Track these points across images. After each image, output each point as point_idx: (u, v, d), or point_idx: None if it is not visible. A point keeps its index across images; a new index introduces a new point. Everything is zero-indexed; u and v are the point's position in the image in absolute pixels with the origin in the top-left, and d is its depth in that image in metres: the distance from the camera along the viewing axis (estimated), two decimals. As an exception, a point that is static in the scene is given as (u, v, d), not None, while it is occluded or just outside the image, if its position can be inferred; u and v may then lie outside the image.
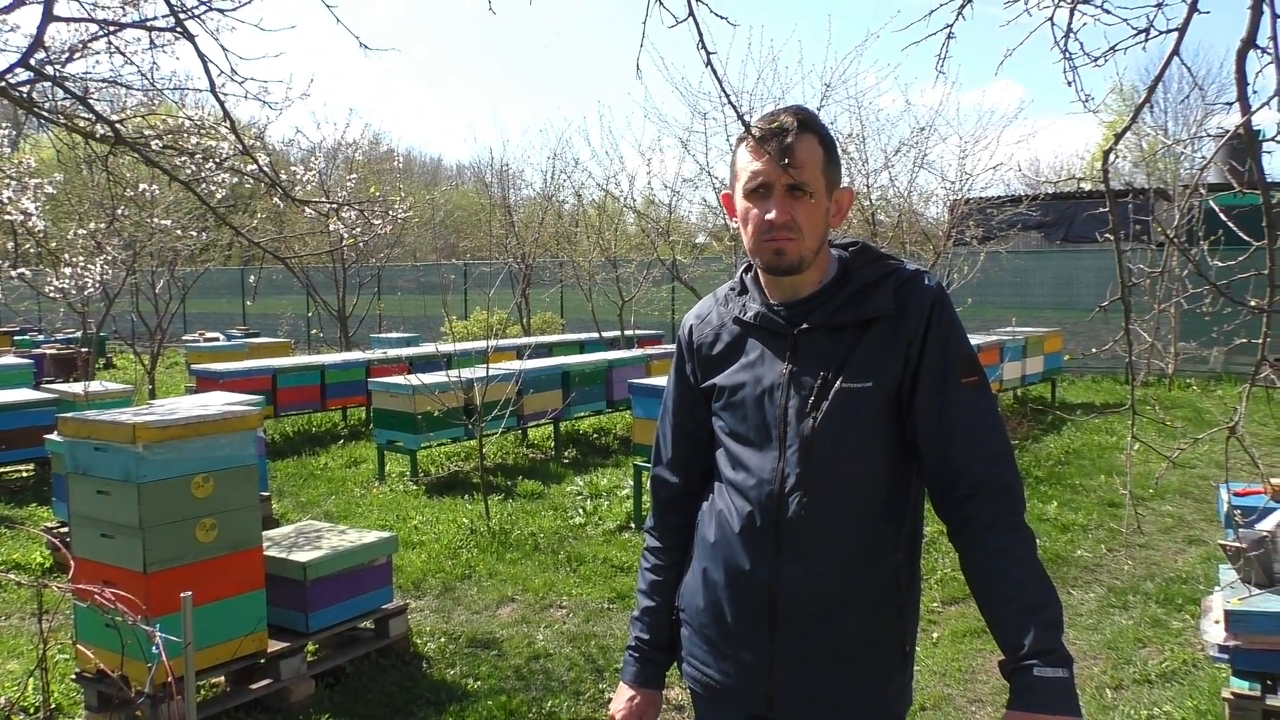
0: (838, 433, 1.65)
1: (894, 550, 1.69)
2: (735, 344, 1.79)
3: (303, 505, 7.67)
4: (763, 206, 1.68)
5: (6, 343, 18.02)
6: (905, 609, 1.72)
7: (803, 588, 1.66)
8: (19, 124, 6.57)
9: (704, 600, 1.79)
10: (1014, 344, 10.79)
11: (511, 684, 4.26)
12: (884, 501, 1.68)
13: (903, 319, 1.66)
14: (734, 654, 1.74)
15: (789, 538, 1.66)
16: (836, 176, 1.72)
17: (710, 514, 1.80)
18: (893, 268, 1.72)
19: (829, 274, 1.75)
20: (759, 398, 1.72)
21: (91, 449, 3.79)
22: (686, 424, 1.89)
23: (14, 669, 4.56)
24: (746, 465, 1.72)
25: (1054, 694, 1.48)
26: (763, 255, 1.71)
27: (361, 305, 17.58)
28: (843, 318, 1.69)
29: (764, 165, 1.66)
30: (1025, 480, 7.54)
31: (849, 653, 1.68)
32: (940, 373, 1.65)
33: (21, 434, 8.19)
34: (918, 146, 10.40)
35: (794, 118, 1.66)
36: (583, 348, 13.11)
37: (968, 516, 1.63)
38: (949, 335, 1.67)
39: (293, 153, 18.03)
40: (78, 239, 6.87)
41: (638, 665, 1.91)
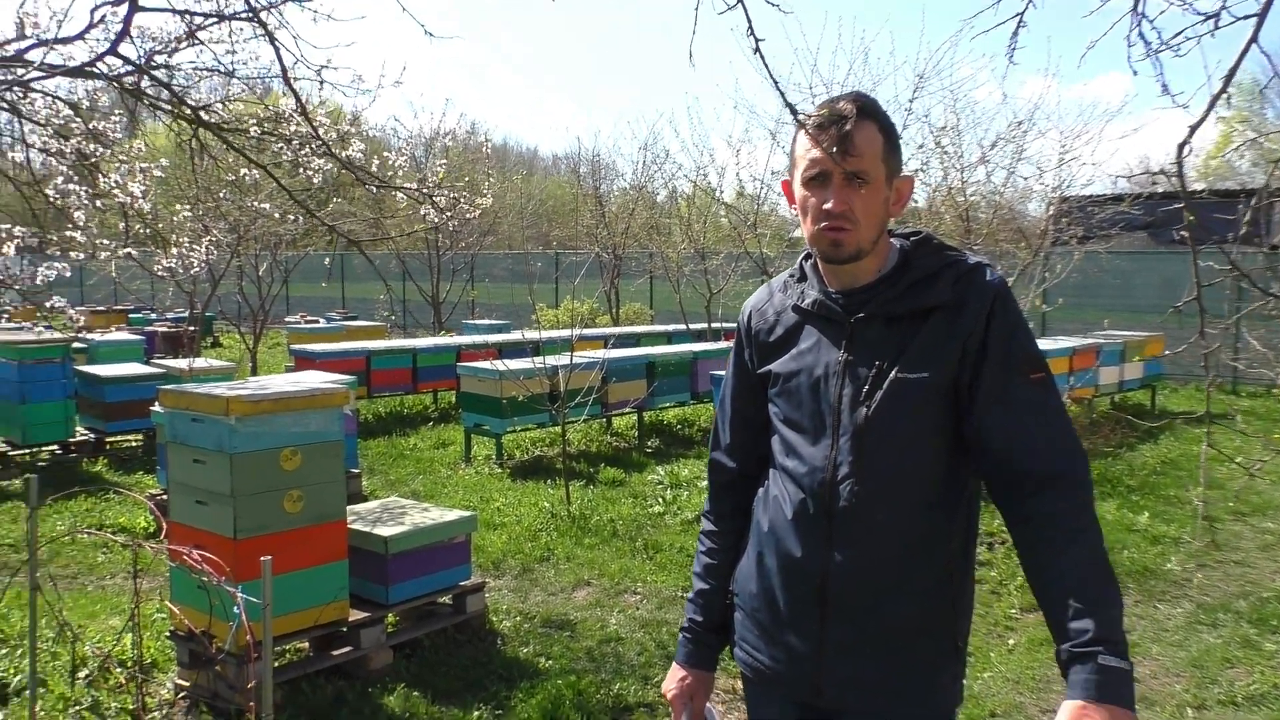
0: (890, 422, 1.63)
1: (947, 542, 1.67)
2: (792, 331, 1.79)
3: (392, 483, 7.89)
4: (820, 195, 1.67)
5: (121, 320, 18.96)
6: (959, 602, 1.69)
7: (854, 577, 1.65)
8: (134, 112, 6.90)
9: (757, 586, 1.79)
10: (1111, 348, 10.42)
11: (582, 665, 4.32)
12: (937, 493, 1.66)
13: (962, 311, 1.64)
14: (785, 640, 1.74)
15: (841, 526, 1.66)
16: (897, 164, 1.70)
17: (765, 500, 1.80)
18: (953, 259, 1.69)
19: (889, 263, 1.73)
20: (813, 385, 1.71)
21: (189, 420, 3.98)
22: (744, 410, 1.89)
23: (115, 624, 4.81)
24: (799, 453, 1.72)
25: (1118, 684, 1.43)
26: (820, 245, 1.70)
27: (455, 291, 17.93)
28: (900, 307, 1.67)
29: (821, 154, 1.65)
30: (1117, 489, 7.31)
31: (900, 643, 1.66)
32: (1005, 369, 1.62)
33: (130, 406, 8.63)
34: (1015, 141, 10.10)
35: (853, 105, 1.64)
36: (670, 339, 13.15)
37: (1031, 513, 1.59)
38: (1013, 331, 1.64)
39: (392, 140, 18.50)
40: (185, 221, 7.20)
41: (690, 646, 1.92)
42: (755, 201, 12.89)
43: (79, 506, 6.99)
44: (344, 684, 4.07)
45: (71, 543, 6.08)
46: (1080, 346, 10.13)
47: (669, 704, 1.91)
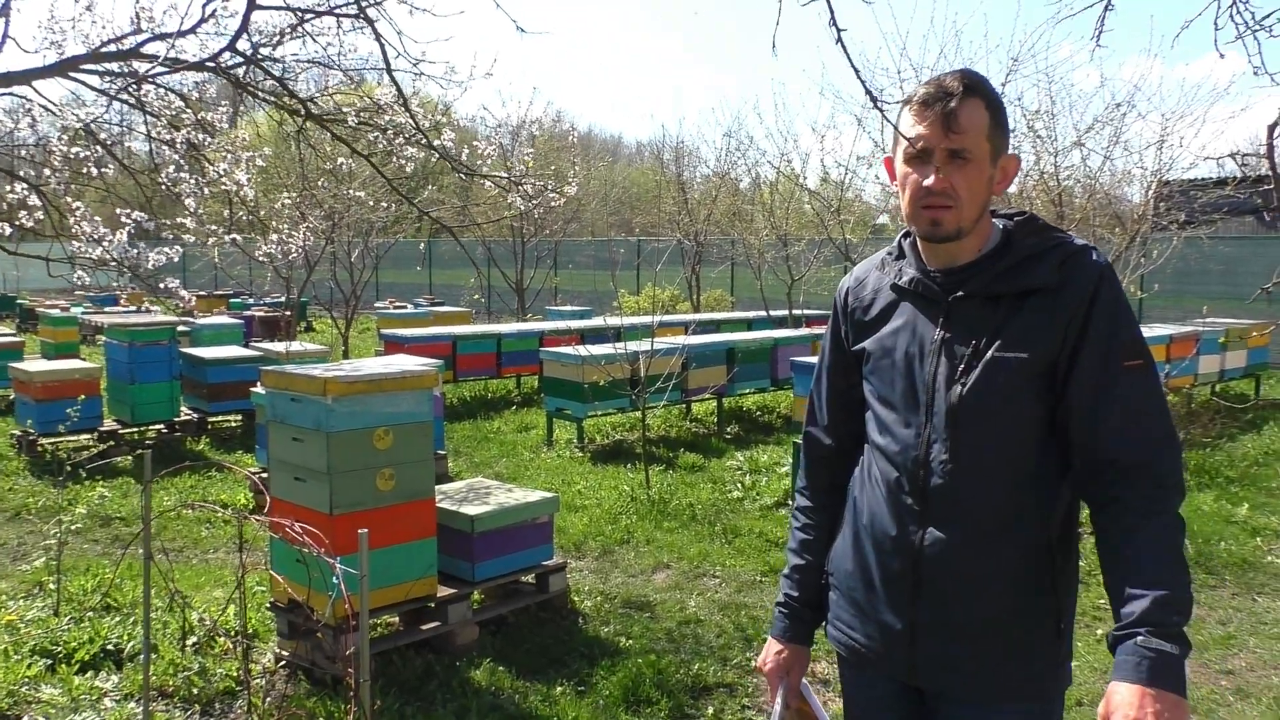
0: (985, 401, 1.63)
1: (1044, 522, 1.65)
2: (888, 309, 1.78)
3: (476, 465, 8.08)
4: (921, 172, 1.65)
5: (222, 305, 19.70)
6: (1060, 585, 1.67)
7: (947, 556, 1.65)
8: (237, 102, 7.24)
9: (853, 564, 1.80)
10: (1211, 335, 10.05)
11: (662, 645, 4.39)
12: (1033, 473, 1.65)
13: (1063, 293, 1.62)
14: (880, 619, 1.75)
15: (934, 505, 1.66)
16: (1003, 142, 1.67)
17: (861, 478, 1.81)
18: (1059, 240, 1.67)
19: (991, 242, 1.71)
20: (908, 363, 1.71)
21: (288, 400, 4.16)
22: (839, 386, 1.90)
23: (219, 596, 5.05)
24: (892, 430, 1.72)
25: (1159, 667, 1.40)
26: (919, 223, 1.69)
27: (539, 278, 18.17)
28: (1000, 287, 1.66)
29: (926, 128, 1.63)
30: (1215, 480, 7.08)
31: (995, 625, 1.65)
32: (1103, 353, 1.59)
33: (231, 387, 9.00)
34: (1113, 124, 9.80)
35: (959, 81, 1.63)
36: (750, 325, 13.13)
37: (1114, 498, 1.56)
38: (1115, 315, 1.61)
39: (480, 129, 18.79)
40: (284, 208, 7.49)
41: (786, 621, 1.93)
42: (840, 188, 12.76)
43: (184, 483, 7.33)
44: (432, 658, 4.21)
45: (177, 518, 6.39)
46: (1178, 334, 9.80)
47: (765, 677, 1.92)
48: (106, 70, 4.95)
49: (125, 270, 4.47)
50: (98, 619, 4.50)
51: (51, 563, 5.04)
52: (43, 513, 6.57)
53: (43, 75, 4.77)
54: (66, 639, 4.23)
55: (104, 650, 4.21)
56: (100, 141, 4.72)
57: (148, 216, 4.53)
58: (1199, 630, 4.58)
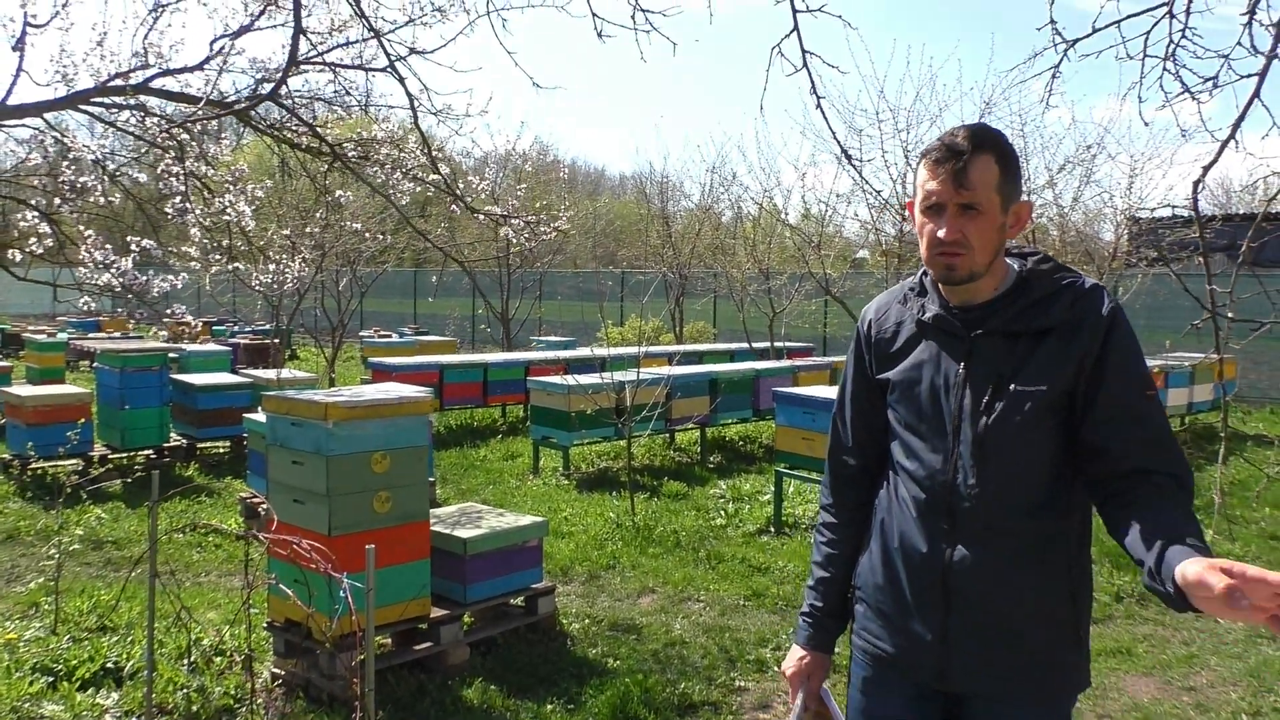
0: (1009, 431, 1.77)
1: (1064, 540, 1.81)
2: (911, 341, 1.92)
3: (463, 493, 8.20)
4: (936, 223, 1.79)
5: (206, 332, 19.75)
6: (1079, 595, 1.82)
7: (976, 573, 1.80)
8: (240, 133, 7.42)
9: (883, 578, 1.94)
10: (1179, 370, 10.34)
11: (648, 665, 4.52)
12: (1051, 496, 1.80)
13: (1078, 330, 1.77)
14: (909, 628, 1.88)
15: (962, 526, 1.81)
16: (1013, 192, 1.80)
17: (888, 499, 1.95)
18: (1070, 280, 1.82)
19: (1007, 282, 1.86)
20: (933, 394, 1.85)
21: (289, 424, 4.30)
22: (864, 409, 2.04)
23: (213, 618, 5.15)
24: (920, 456, 1.87)
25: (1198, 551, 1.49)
26: (935, 269, 1.84)
27: (523, 309, 18.34)
28: (1019, 325, 1.80)
29: (938, 185, 1.77)
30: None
31: (1021, 632, 1.80)
32: (1126, 386, 1.75)
33: (221, 413, 9.10)
34: (1084, 164, 10.15)
35: (968, 140, 1.76)
36: (732, 357, 13.33)
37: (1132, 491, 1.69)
38: (1129, 352, 1.77)
39: (467, 162, 19.03)
40: (276, 239, 7.65)
41: (810, 629, 2.07)
42: (820, 223, 13.04)
43: (173, 508, 7.41)
44: (424, 677, 4.33)
45: (169, 541, 6.47)
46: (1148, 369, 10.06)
47: (787, 681, 2.07)
48: (115, 104, 5.12)
49: (131, 296, 4.62)
50: (96, 639, 4.59)
51: (48, 584, 5.13)
52: (37, 536, 6.64)
53: (53, 108, 4.94)
54: (66, 657, 4.33)
55: (104, 668, 4.30)
56: (108, 172, 4.87)
57: (155, 244, 4.68)
58: (1164, 650, 4.77)
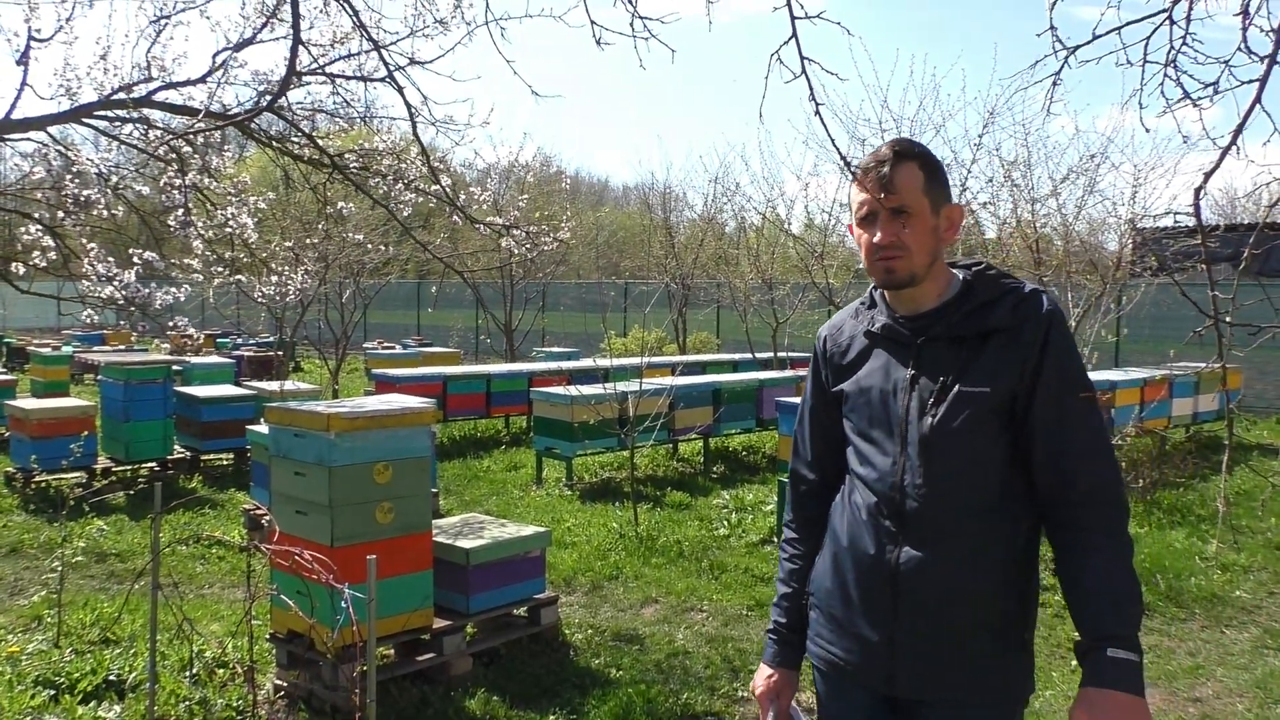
0: (953, 431, 1.81)
1: (1010, 542, 1.83)
2: (864, 353, 1.98)
3: (467, 503, 8.19)
4: (871, 231, 1.88)
5: (209, 345, 19.79)
6: (1024, 598, 1.85)
7: (923, 574, 1.82)
8: (241, 146, 7.47)
9: (832, 583, 1.97)
10: (1184, 380, 10.32)
11: (651, 676, 4.51)
12: (998, 496, 1.83)
13: (1020, 333, 1.81)
14: (858, 632, 1.91)
15: (910, 527, 1.84)
16: (941, 195, 1.88)
17: (841, 505, 1.99)
18: (1012, 286, 1.88)
19: (951, 290, 1.92)
20: (883, 399, 1.90)
21: (292, 435, 4.30)
22: (822, 424, 2.09)
23: (216, 629, 5.14)
24: (871, 460, 1.91)
25: (1123, 673, 1.62)
26: (876, 274, 1.91)
27: (527, 320, 18.37)
28: (963, 330, 1.85)
29: (867, 195, 1.86)
30: (1187, 518, 7.28)
31: (968, 637, 1.82)
32: (1058, 388, 1.80)
33: (225, 425, 9.11)
34: (1088, 174, 10.12)
35: (890, 149, 1.85)
36: (736, 367, 13.33)
37: (1071, 519, 1.78)
38: (1065, 354, 1.82)
39: (470, 174, 19.09)
40: (279, 250, 7.67)
41: (776, 646, 2.10)
42: (823, 233, 13.04)
43: (177, 520, 7.42)
44: (428, 688, 4.32)
45: (171, 554, 6.47)
46: (1151, 378, 10.05)
47: (757, 700, 2.08)
48: (118, 117, 5.15)
49: (134, 308, 4.63)
50: (99, 651, 4.58)
51: (51, 596, 5.13)
52: (40, 549, 6.65)
53: (57, 121, 4.97)
54: (69, 670, 4.32)
55: (106, 681, 4.29)
56: (111, 185, 4.90)
57: (157, 256, 4.69)
58: (1169, 661, 4.74)
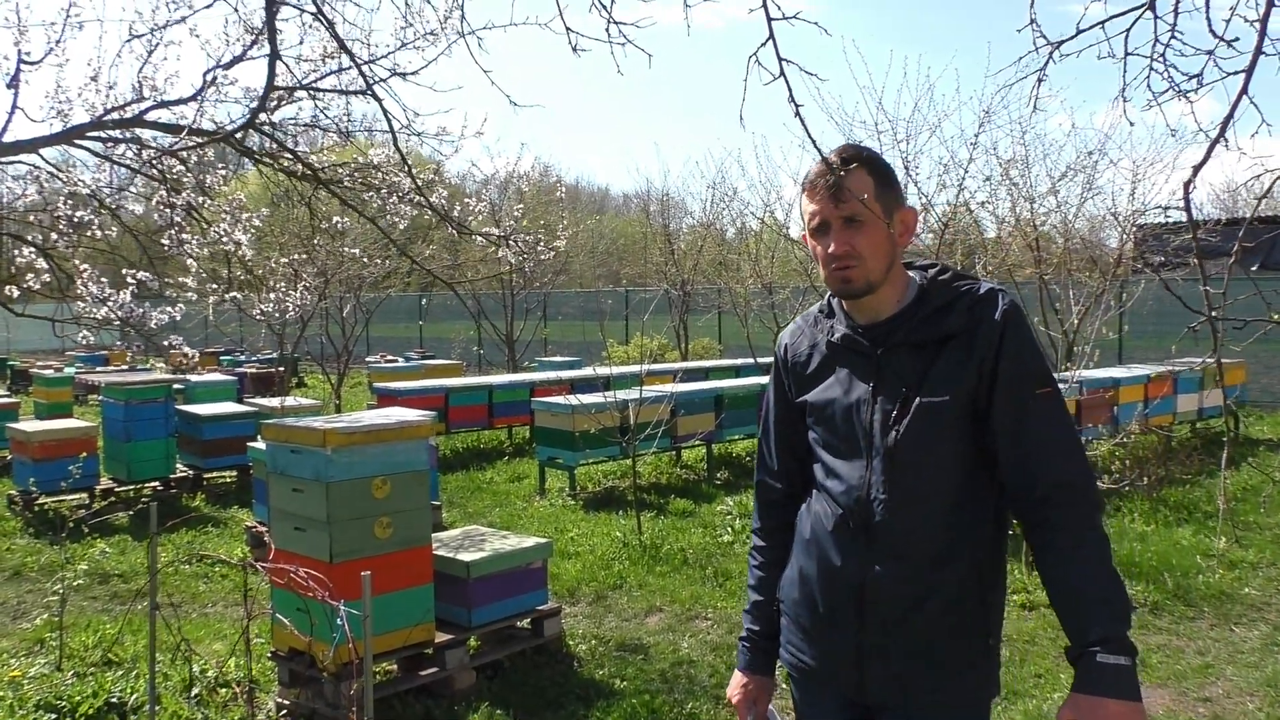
0: (918, 444, 1.79)
1: (976, 549, 1.81)
2: (826, 363, 1.96)
3: (470, 515, 8.17)
4: (824, 242, 1.84)
5: (213, 362, 19.80)
6: (989, 604, 1.83)
7: (889, 584, 1.81)
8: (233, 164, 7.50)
9: (799, 593, 1.96)
10: (1189, 375, 10.28)
11: (656, 686, 4.48)
12: (964, 504, 1.81)
13: (976, 335, 1.78)
14: (826, 641, 1.91)
15: (877, 539, 1.82)
16: (894, 200, 1.85)
17: (807, 515, 1.97)
18: (967, 288, 1.85)
19: (908, 295, 1.89)
20: (847, 413, 1.88)
21: (288, 451, 4.28)
22: (787, 434, 2.06)
23: (218, 649, 5.12)
24: (838, 473, 1.89)
25: (1115, 678, 1.59)
26: (833, 285, 1.88)
27: (528, 330, 18.35)
28: (921, 335, 1.83)
29: (818, 205, 1.83)
30: (1194, 515, 7.23)
31: (934, 644, 1.81)
32: (1016, 386, 1.77)
33: (226, 443, 9.09)
34: (1086, 171, 10.11)
35: (838, 156, 1.82)
36: (738, 372, 13.30)
37: (1043, 519, 1.75)
38: (1022, 350, 1.78)
39: (468, 185, 19.11)
40: (279, 267, 7.67)
41: (750, 654, 2.09)
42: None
43: (181, 539, 7.41)
44: (431, 703, 4.29)
45: (175, 573, 6.46)
46: (1156, 374, 10.01)
47: (734, 708, 2.07)
48: (111, 137, 5.15)
49: (129, 329, 4.62)
50: (100, 674, 4.56)
51: (53, 619, 5.11)
52: (42, 571, 6.63)
53: (49, 143, 4.96)
54: (70, 694, 4.30)
55: (108, 704, 4.27)
56: (105, 205, 4.89)
57: (151, 276, 4.69)
58: (1178, 660, 4.70)
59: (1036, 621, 5.21)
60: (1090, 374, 9.22)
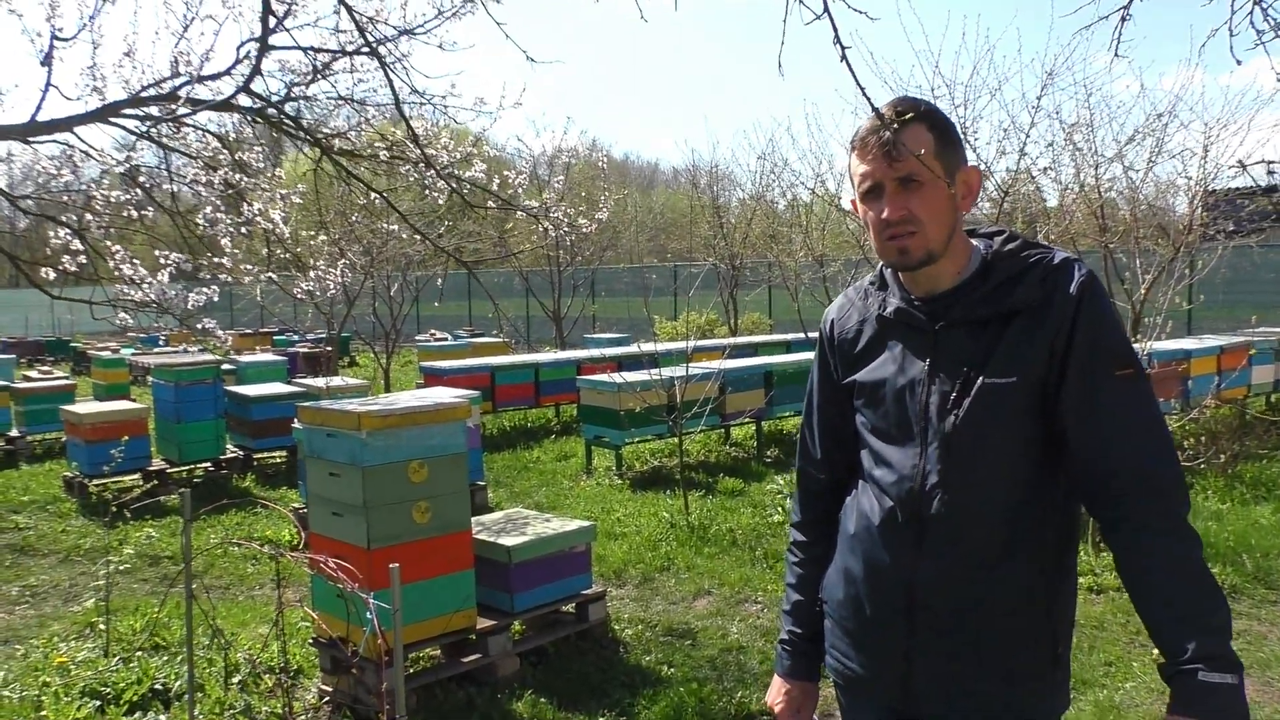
0: (979, 429, 1.60)
1: (1040, 549, 1.62)
2: (876, 340, 1.76)
3: (516, 495, 8.08)
4: (878, 207, 1.64)
5: (266, 342, 20.03)
6: (1055, 610, 1.63)
7: (943, 585, 1.63)
8: (276, 143, 7.51)
9: (844, 594, 1.78)
10: (1265, 345, 9.81)
11: (704, 673, 4.33)
12: (1028, 499, 1.61)
13: (1048, 310, 1.58)
14: (873, 647, 1.73)
15: (930, 534, 1.63)
16: (956, 158, 1.65)
17: (853, 508, 1.78)
18: (1039, 257, 1.64)
19: (971, 265, 1.68)
20: (899, 394, 1.68)
21: (324, 435, 4.18)
22: (832, 419, 1.87)
23: (265, 632, 5.08)
24: (888, 461, 1.69)
25: (1219, 700, 1.39)
26: (887, 255, 1.67)
27: (575, 306, 18.24)
28: (985, 311, 1.62)
29: (870, 165, 1.63)
30: (1273, 493, 6.88)
31: (991, 652, 1.62)
32: (1090, 365, 1.56)
33: (275, 424, 9.11)
34: (1155, 134, 9.64)
35: (892, 110, 1.61)
36: (788, 348, 13.05)
37: (1122, 517, 1.54)
38: (1100, 326, 1.57)
39: (517, 160, 18.99)
40: (321, 245, 7.63)
41: (791, 659, 1.91)
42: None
43: (229, 521, 7.42)
44: (474, 690, 4.19)
45: (224, 555, 6.46)
46: (1229, 345, 9.57)
47: (776, 717, 1.91)
48: (147, 115, 5.07)
49: (165, 311, 4.56)
50: (146, 659, 4.53)
51: (101, 604, 5.10)
52: (92, 554, 6.67)
53: (84, 121, 4.90)
54: (115, 680, 4.27)
55: (152, 690, 4.24)
56: (140, 185, 4.82)
57: (186, 257, 4.61)
58: (1260, 648, 4.43)
59: (1105, 605, 4.96)
60: (1160, 345, 8.83)
